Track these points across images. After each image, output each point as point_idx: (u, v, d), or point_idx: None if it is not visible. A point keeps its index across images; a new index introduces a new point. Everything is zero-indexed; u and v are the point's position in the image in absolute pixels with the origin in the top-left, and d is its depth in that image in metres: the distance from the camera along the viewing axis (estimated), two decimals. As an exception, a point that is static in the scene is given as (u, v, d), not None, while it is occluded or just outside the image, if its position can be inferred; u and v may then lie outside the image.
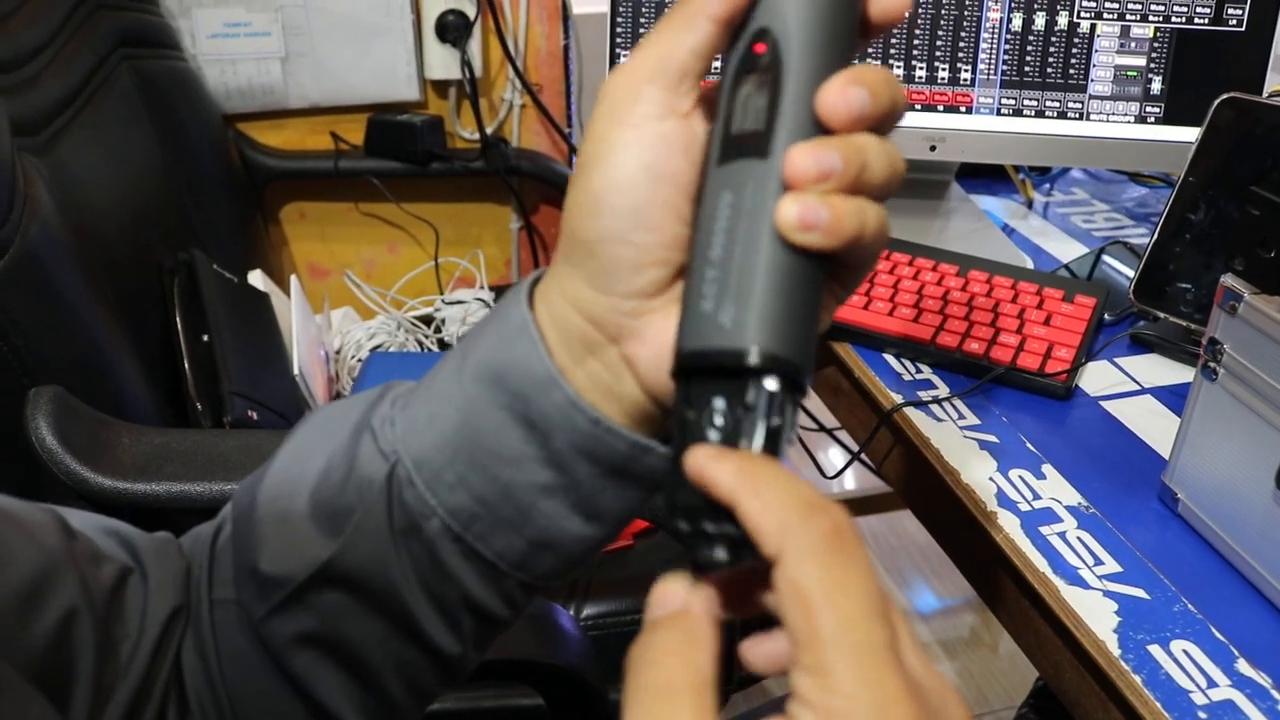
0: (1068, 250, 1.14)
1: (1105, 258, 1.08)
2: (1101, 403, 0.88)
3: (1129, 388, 0.89)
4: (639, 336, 0.41)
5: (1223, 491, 0.71)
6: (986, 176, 1.30)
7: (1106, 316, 0.97)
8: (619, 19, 1.09)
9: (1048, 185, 1.31)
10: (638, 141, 0.39)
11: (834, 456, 2.02)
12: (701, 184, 0.39)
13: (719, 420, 0.35)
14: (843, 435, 1.08)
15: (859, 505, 1.95)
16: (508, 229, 1.79)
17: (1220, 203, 0.89)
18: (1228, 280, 0.68)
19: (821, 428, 1.18)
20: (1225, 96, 0.90)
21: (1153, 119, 1.07)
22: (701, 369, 0.36)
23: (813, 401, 1.13)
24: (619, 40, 1.09)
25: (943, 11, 1.04)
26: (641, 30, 1.08)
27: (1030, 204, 1.26)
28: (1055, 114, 1.07)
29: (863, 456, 0.94)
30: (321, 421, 0.48)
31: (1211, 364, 0.70)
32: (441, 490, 0.43)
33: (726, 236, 0.37)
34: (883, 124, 0.38)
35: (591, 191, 0.40)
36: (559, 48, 1.69)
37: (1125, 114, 1.07)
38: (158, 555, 0.50)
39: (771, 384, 0.35)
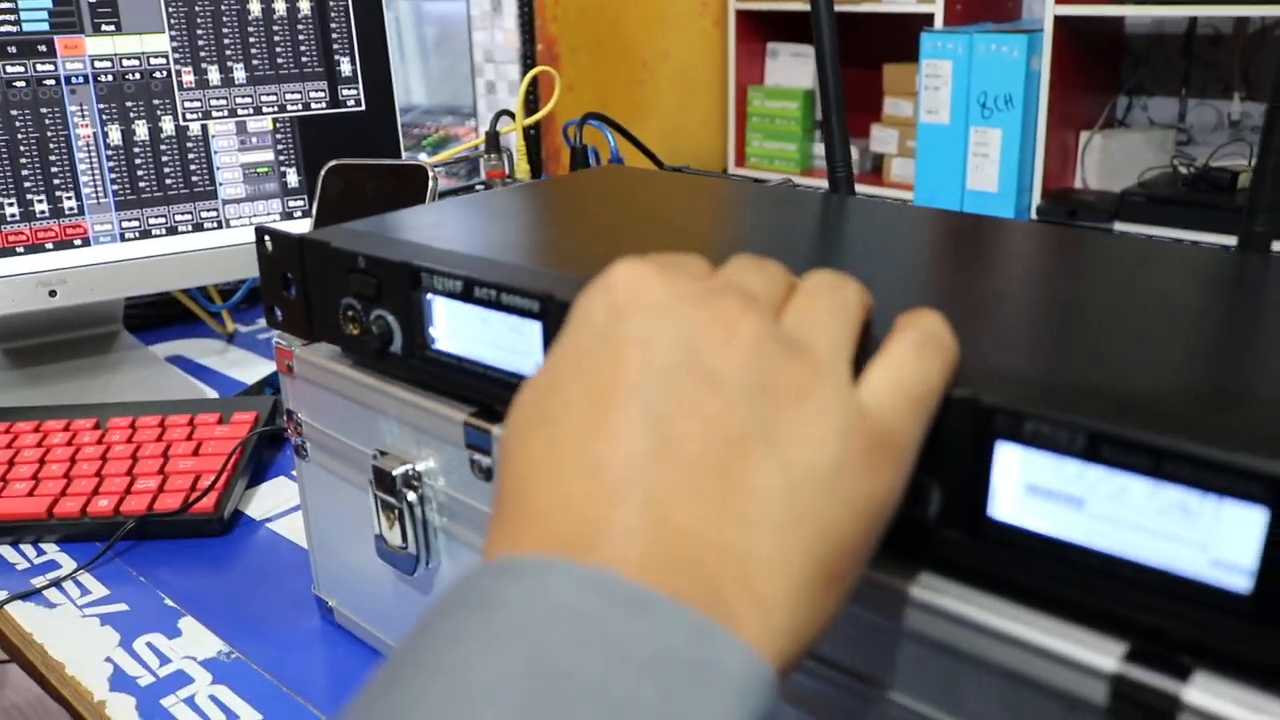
0: (266, 371, 1.02)
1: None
2: (269, 524, 0.74)
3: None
4: None
5: (359, 584, 0.59)
6: (183, 321, 1.16)
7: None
8: None
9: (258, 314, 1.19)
10: None
11: None
12: None
13: None
14: None
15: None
16: None
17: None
18: (278, 339, 0.57)
19: None
20: (332, 164, 0.83)
21: (300, 213, 0.99)
22: None
23: None
24: None
25: (20, 134, 0.87)
26: None
27: (232, 337, 1.13)
28: (191, 228, 0.94)
29: None
30: None
31: (299, 440, 0.59)
32: None
33: None
34: None
35: None
36: None
37: (269, 213, 0.97)
38: None
39: None
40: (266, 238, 0.53)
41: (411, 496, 0.50)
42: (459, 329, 0.46)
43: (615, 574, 0.25)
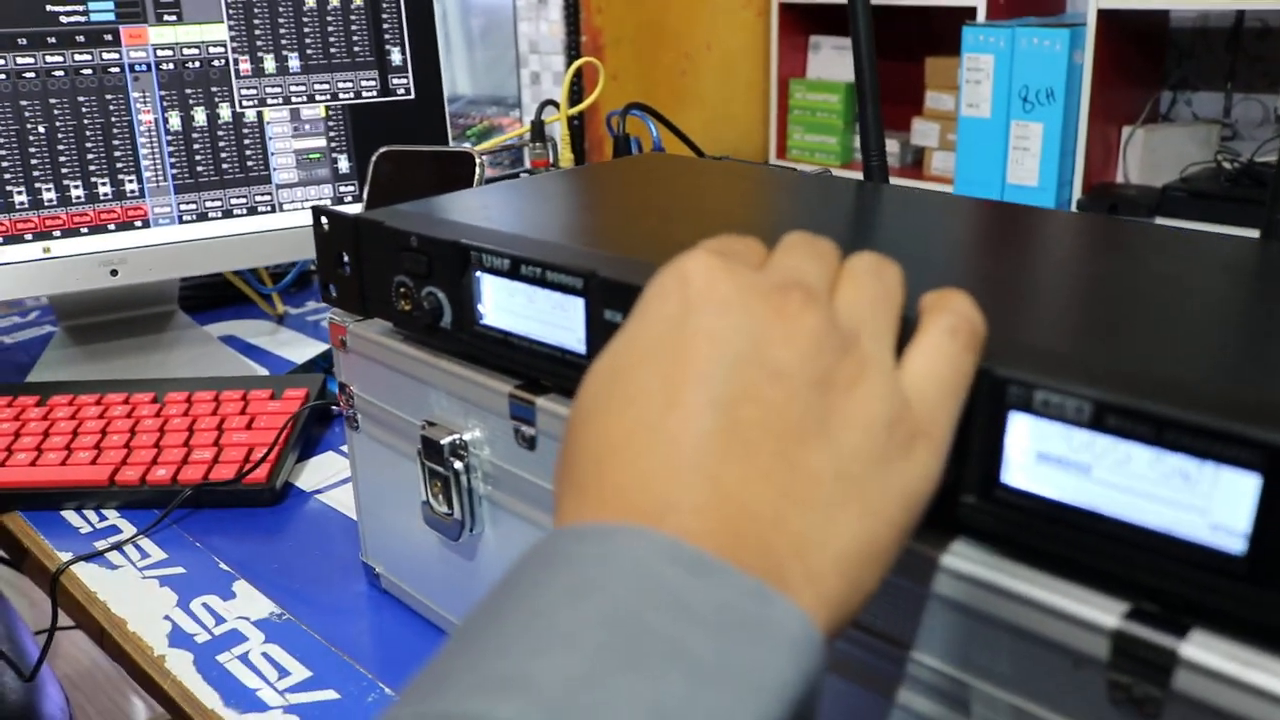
0: (314, 352, 1.05)
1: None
2: (318, 496, 0.77)
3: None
4: None
5: (405, 549, 0.62)
6: (235, 303, 1.19)
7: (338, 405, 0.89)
8: None
9: (308, 297, 1.23)
10: None
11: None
12: None
13: None
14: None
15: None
16: None
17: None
18: (332, 315, 0.60)
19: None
20: (383, 150, 0.86)
21: (350, 198, 1.02)
22: None
23: None
24: None
25: (85, 120, 0.91)
26: None
27: (282, 319, 1.16)
28: (245, 211, 0.98)
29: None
30: None
31: (350, 411, 0.62)
32: None
33: None
34: None
35: None
36: None
37: (321, 198, 1.00)
38: None
39: None
40: (323, 218, 0.56)
41: (458, 465, 0.53)
42: (506, 305, 0.48)
43: (685, 542, 0.27)
